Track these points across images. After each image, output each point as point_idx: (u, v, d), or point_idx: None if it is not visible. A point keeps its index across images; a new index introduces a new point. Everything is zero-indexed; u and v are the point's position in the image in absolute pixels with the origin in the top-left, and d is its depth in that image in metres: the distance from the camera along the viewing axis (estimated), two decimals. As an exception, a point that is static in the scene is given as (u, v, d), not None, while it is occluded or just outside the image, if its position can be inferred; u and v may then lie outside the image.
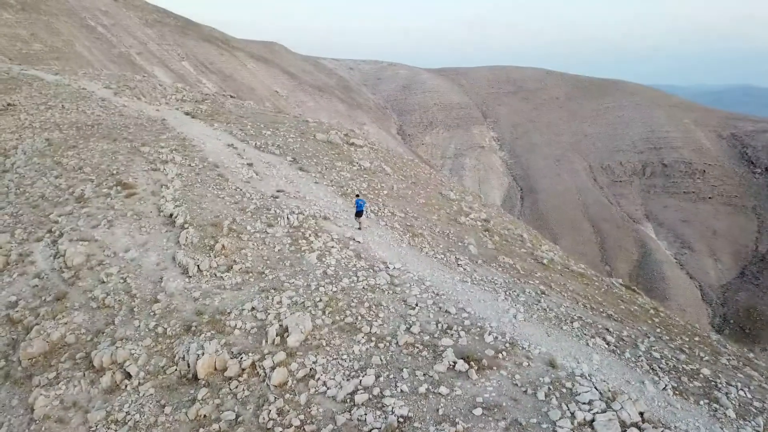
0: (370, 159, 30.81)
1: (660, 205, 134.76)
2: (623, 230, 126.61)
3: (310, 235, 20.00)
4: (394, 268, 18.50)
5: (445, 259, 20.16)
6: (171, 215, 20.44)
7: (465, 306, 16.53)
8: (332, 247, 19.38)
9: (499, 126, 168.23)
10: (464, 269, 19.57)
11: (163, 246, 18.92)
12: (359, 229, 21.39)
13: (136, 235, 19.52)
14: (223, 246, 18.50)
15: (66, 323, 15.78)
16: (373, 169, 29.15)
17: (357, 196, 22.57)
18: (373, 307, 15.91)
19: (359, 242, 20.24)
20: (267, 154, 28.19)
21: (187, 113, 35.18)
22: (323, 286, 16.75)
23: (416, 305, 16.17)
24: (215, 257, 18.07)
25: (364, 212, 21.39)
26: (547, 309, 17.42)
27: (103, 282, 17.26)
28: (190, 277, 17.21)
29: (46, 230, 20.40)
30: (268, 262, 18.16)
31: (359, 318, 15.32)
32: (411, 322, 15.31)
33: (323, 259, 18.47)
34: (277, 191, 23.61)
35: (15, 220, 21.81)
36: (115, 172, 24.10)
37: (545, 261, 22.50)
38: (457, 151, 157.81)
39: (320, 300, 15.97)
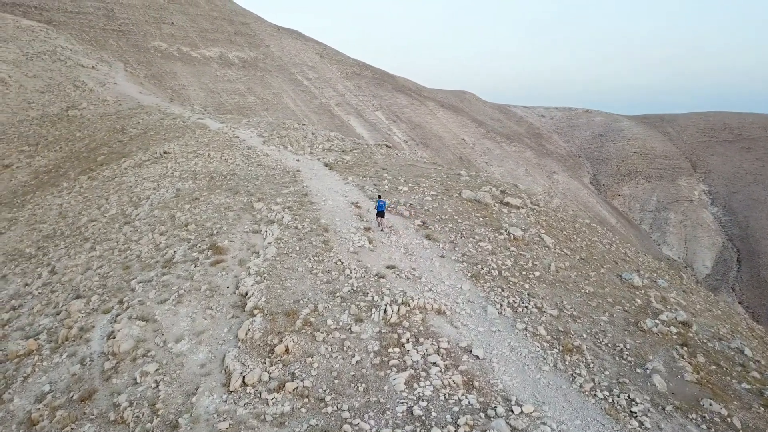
0: (525, 225, 24.22)
1: None
2: None
3: (408, 339, 14.33)
4: (521, 412, 11.94)
5: (610, 399, 12.96)
6: (246, 294, 16.36)
7: None
8: (434, 363, 13.45)
9: (711, 178, 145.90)
10: (641, 422, 12.20)
11: (220, 338, 14.76)
12: (382, 230, 21.23)
13: (197, 319, 15.69)
14: (287, 348, 13.72)
15: (70, 440, 12.15)
16: (526, 240, 22.56)
17: (379, 197, 22.36)
18: (468, 495, 9.66)
19: (478, 357, 14.01)
20: (393, 215, 23.28)
21: (326, 164, 32.11)
22: (399, 440, 10.93)
23: (544, 502, 9.54)
24: (271, 365, 13.32)
25: (385, 212, 21.38)
26: None
27: (135, 383, 13.51)
28: (230, 392, 12.63)
29: (118, 300, 17.66)
30: (336, 381, 12.85)
31: None
32: None
33: (414, 386, 12.62)
34: (387, 267, 18.41)
35: (101, 283, 19.67)
36: (215, 231, 21.09)
37: (788, 412, 13.87)
38: (659, 204, 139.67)
39: (387, 468, 10.18)
